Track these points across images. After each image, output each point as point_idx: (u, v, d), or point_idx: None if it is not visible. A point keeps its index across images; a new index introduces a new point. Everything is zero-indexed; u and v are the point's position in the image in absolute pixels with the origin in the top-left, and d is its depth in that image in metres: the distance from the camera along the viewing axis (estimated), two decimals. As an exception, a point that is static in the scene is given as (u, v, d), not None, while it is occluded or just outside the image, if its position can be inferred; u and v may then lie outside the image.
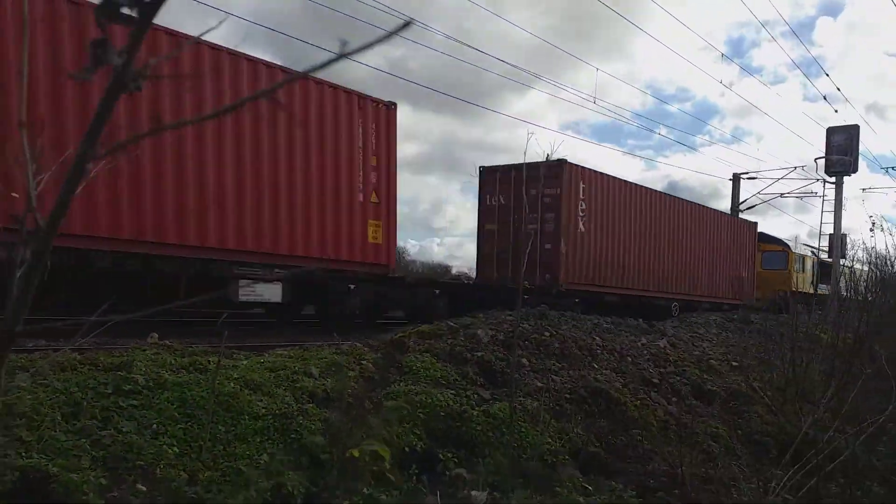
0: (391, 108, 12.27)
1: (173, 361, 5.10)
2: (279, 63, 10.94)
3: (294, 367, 5.50)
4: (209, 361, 5.20)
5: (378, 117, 11.99)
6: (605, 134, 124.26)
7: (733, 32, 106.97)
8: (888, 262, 12.85)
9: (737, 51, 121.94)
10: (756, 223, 26.13)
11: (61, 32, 8.02)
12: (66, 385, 4.32)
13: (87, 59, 0.73)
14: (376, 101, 11.99)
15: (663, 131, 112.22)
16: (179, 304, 1.01)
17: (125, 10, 0.70)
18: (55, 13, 8.02)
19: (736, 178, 31.55)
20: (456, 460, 5.11)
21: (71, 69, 7.67)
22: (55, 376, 4.44)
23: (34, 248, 0.82)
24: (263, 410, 4.70)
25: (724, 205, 32.31)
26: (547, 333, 7.94)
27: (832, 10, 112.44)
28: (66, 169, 0.78)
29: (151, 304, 1.00)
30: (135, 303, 9.00)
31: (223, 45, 9.66)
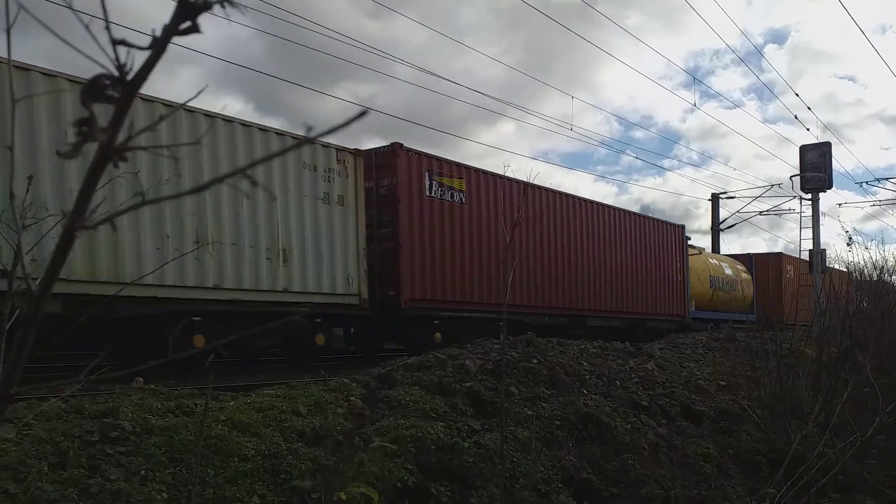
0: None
1: (159, 405, 5.05)
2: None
3: (282, 405, 5.46)
4: (196, 404, 5.16)
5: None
6: (576, 161, 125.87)
7: (689, 62, 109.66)
8: (867, 275, 13.03)
9: (693, 79, 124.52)
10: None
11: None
12: (52, 434, 4.27)
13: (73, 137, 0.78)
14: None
15: (633, 155, 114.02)
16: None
17: (108, 91, 0.75)
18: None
19: (715, 198, 32.03)
20: (448, 493, 5.08)
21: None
22: (40, 426, 4.38)
23: (27, 312, 0.85)
24: (252, 452, 4.66)
25: (697, 225, 32.66)
26: (535, 360, 7.95)
27: (778, 39, 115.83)
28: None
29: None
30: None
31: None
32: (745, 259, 28.16)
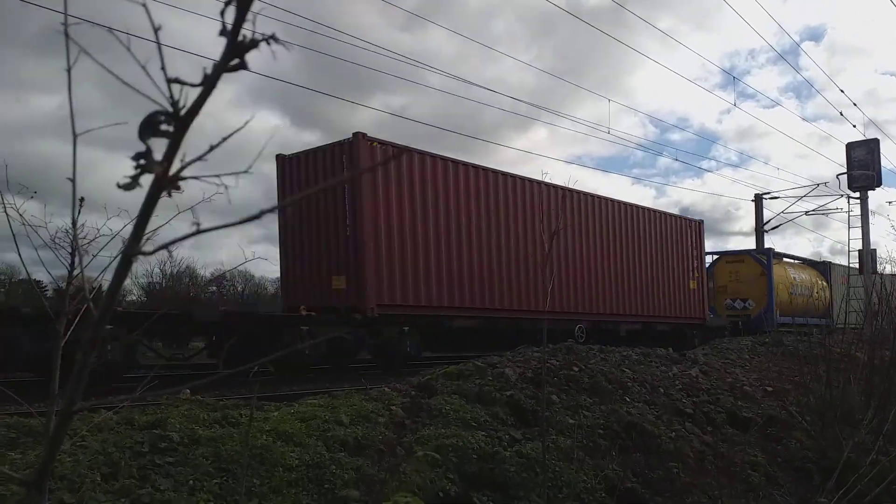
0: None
1: (206, 416, 5.16)
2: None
3: (324, 415, 5.53)
4: (241, 414, 5.26)
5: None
6: (611, 165, 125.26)
7: (724, 63, 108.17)
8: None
9: (729, 80, 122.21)
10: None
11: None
12: (104, 446, 4.40)
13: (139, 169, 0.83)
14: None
15: (671, 158, 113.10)
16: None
17: (163, 126, 0.80)
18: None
19: (758, 199, 31.34)
20: (491, 503, 5.08)
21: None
22: (93, 437, 4.52)
23: (88, 335, 0.90)
24: (296, 461, 4.73)
25: (738, 227, 32.17)
26: (576, 368, 7.89)
27: (814, 36, 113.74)
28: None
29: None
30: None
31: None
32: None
